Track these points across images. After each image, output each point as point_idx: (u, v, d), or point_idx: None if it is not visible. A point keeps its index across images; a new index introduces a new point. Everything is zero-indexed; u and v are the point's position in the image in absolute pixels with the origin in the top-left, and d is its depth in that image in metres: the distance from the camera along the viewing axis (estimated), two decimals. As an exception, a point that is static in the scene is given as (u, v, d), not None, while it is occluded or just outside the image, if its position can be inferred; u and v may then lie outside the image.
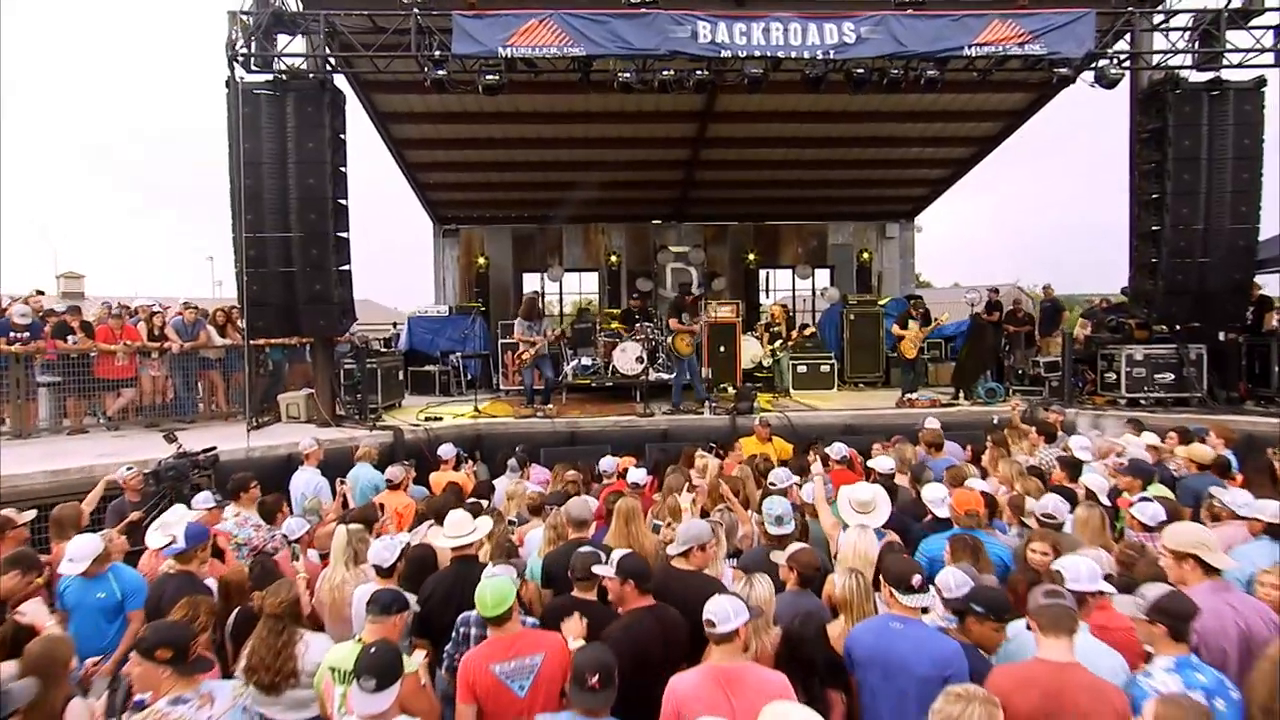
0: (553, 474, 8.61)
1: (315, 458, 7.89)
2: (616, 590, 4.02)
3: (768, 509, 5.12)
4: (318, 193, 9.88)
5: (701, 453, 8.81)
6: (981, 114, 14.92)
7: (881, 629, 3.82)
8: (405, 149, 15.76)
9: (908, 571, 3.91)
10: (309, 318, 10.10)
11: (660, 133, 15.30)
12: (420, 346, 16.10)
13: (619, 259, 18.77)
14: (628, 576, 3.96)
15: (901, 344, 12.81)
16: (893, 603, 3.91)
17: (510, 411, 12.00)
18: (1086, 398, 11.88)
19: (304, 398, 11.25)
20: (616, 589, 4.02)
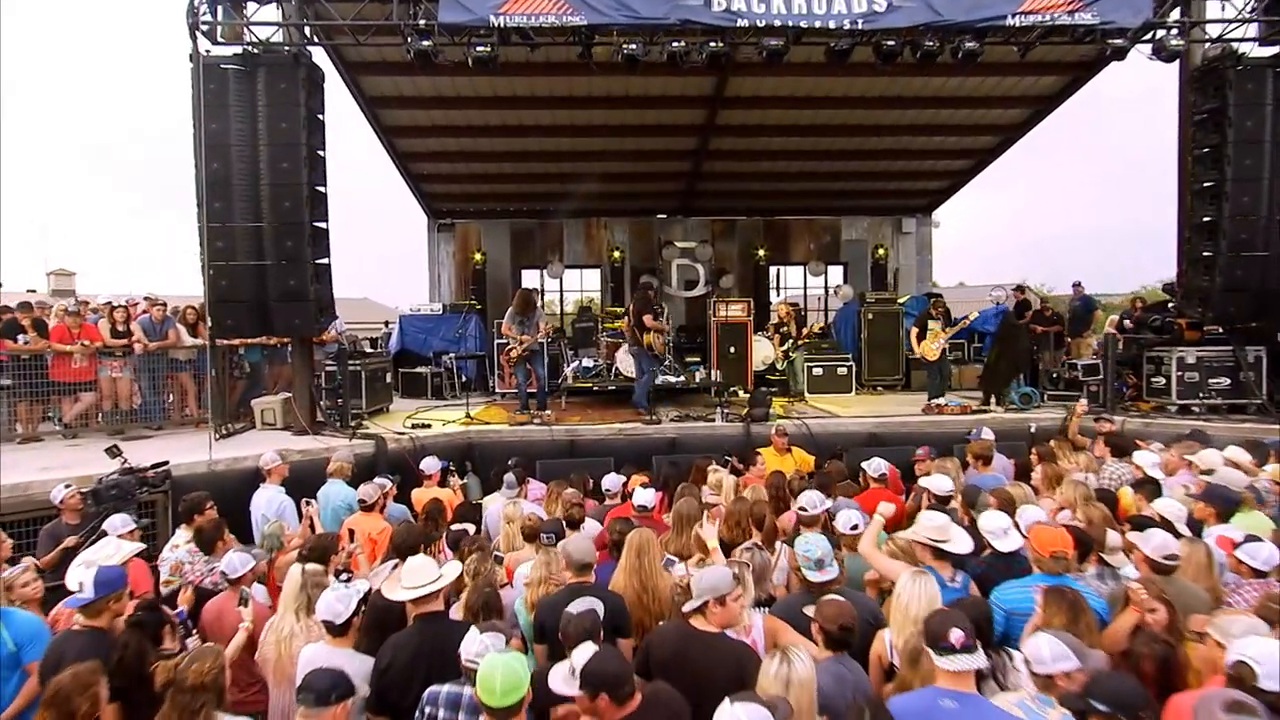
0: (548, 492, 7.71)
1: (279, 474, 6.98)
2: (588, 708, 3.01)
3: (804, 550, 4.22)
4: (292, 178, 8.97)
5: (715, 467, 7.91)
6: (1009, 100, 13.98)
7: (928, 708, 2.94)
8: (396, 137, 14.84)
9: (946, 624, 3.01)
10: (282, 316, 9.19)
11: (667, 119, 14.37)
12: (412, 347, 15.20)
13: (622, 255, 17.84)
14: (598, 690, 2.96)
15: (922, 346, 11.90)
16: (936, 670, 3.04)
17: (504, 418, 11.08)
18: (1130, 404, 10.95)
19: (280, 403, 10.35)
20: (587, 707, 3.00)
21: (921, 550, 4.64)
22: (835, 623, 3.52)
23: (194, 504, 6.08)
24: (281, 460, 7.00)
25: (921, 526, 4.66)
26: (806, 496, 5.68)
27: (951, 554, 4.64)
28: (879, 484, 7.09)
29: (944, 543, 4.58)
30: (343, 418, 10.28)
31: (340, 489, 7.29)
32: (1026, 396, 11.17)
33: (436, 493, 7.62)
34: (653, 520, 6.33)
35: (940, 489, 6.17)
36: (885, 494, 7.03)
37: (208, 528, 5.55)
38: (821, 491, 7.02)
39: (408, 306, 16.19)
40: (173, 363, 10.45)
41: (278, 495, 6.78)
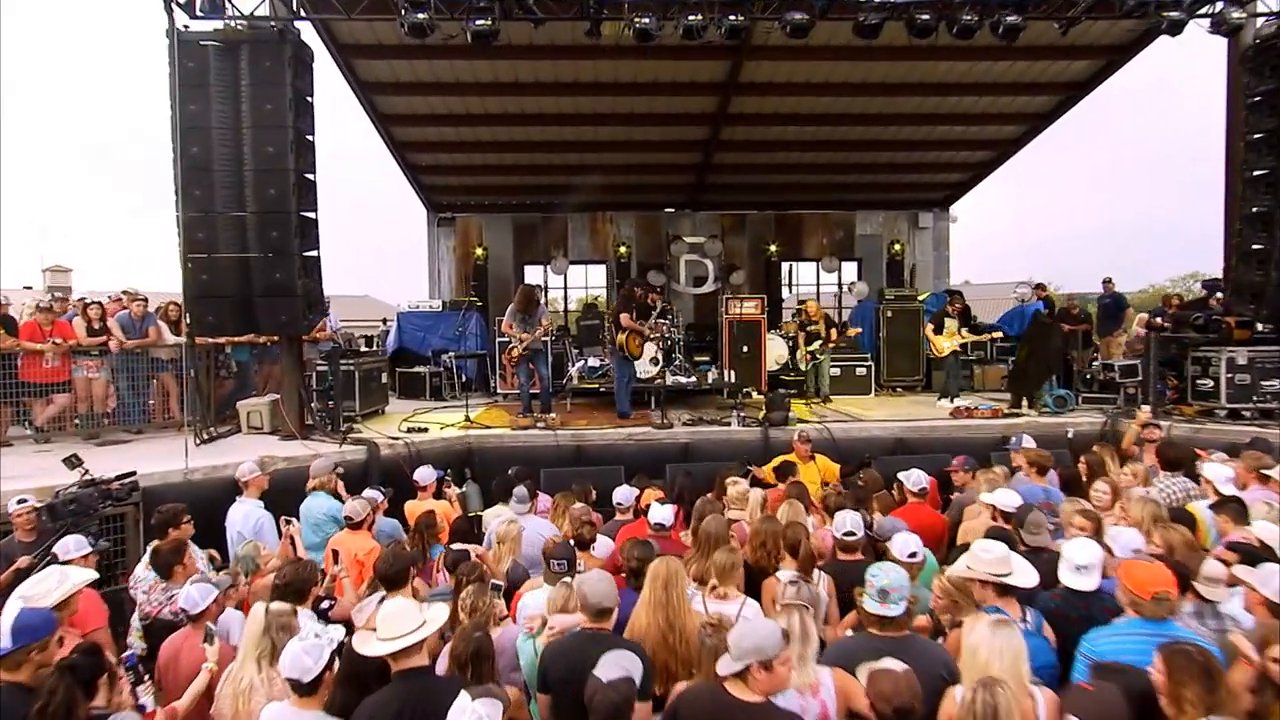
0: (553, 505, 7.07)
1: (258, 486, 6.33)
2: None
3: (873, 575, 3.59)
4: (277, 164, 8.31)
5: (735, 478, 7.26)
6: (1036, 86, 13.29)
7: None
8: (392, 125, 14.18)
9: None
10: (268, 312, 8.53)
11: (678, 107, 13.70)
12: (410, 345, 14.55)
13: (629, 250, 17.17)
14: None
15: (935, 343, 11.33)
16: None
17: (506, 421, 10.43)
18: (1172, 407, 10.27)
19: (267, 405, 9.71)
20: None
21: (981, 589, 3.98)
22: (890, 703, 2.87)
23: (168, 518, 5.46)
24: (260, 470, 6.35)
25: (979, 560, 4.00)
26: (848, 519, 5.02)
27: (1018, 589, 4.00)
28: (918, 498, 6.44)
29: (1007, 576, 3.94)
30: (333, 421, 9.65)
31: (323, 501, 6.65)
32: (1061, 399, 10.50)
33: (432, 505, 6.99)
34: (671, 540, 5.70)
35: (1007, 504, 5.52)
36: (924, 509, 6.40)
37: (165, 549, 4.91)
38: (858, 506, 6.43)
39: (406, 303, 15.55)
40: (154, 362, 9.83)
41: (255, 510, 6.14)
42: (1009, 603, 3.94)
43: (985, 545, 4.00)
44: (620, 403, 10.93)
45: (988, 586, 3.96)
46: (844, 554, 5.02)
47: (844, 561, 5.00)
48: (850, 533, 4.96)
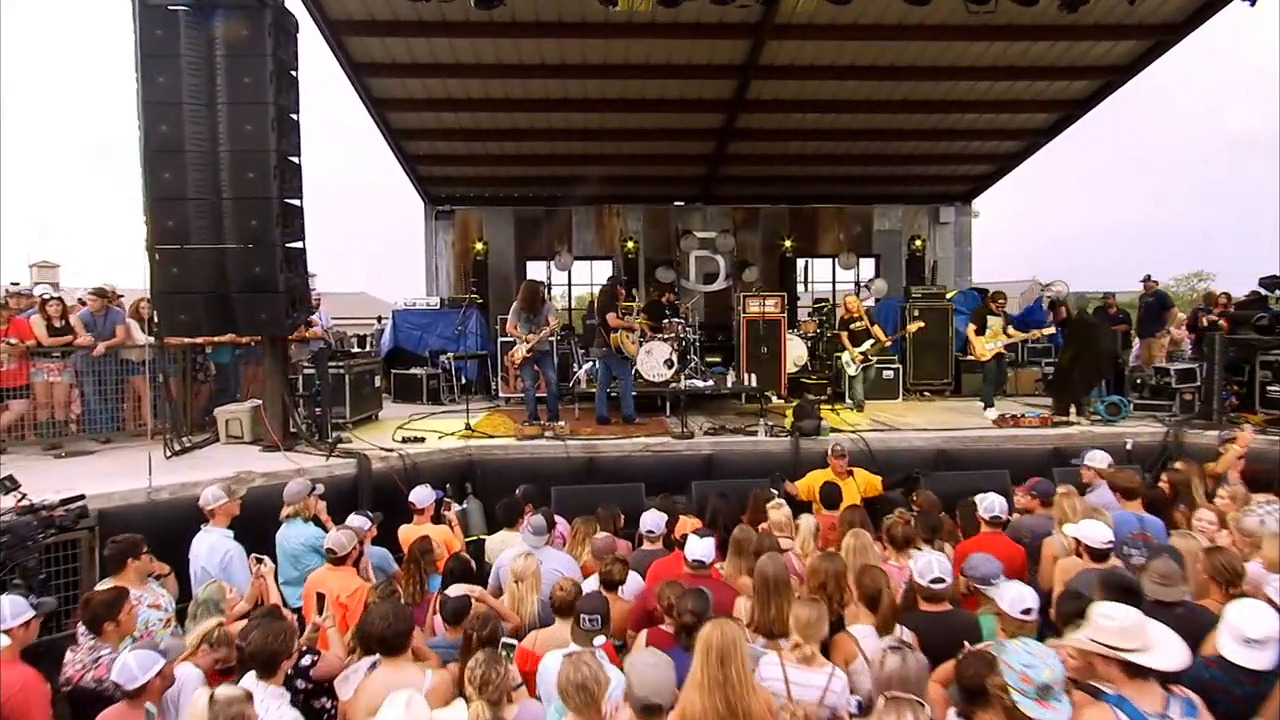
0: (572, 533, 6.21)
1: (225, 514, 5.44)
2: None
3: (1024, 663, 2.74)
4: (257, 144, 7.43)
5: (779, 501, 6.41)
6: (1076, 70, 12.42)
7: None
8: (387, 111, 13.28)
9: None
10: (246, 309, 7.64)
11: (693, 91, 12.83)
12: (406, 345, 13.68)
13: (636, 245, 16.28)
14: None
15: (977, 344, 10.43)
16: None
17: (511, 430, 9.55)
18: (1236, 415, 9.44)
19: (248, 412, 8.83)
20: None
21: (1105, 665, 3.07)
22: None
23: (123, 550, 4.60)
24: (227, 496, 5.45)
25: (1101, 629, 3.09)
26: (935, 563, 4.16)
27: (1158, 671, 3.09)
28: (993, 528, 5.59)
29: (1142, 654, 3.01)
30: (321, 430, 8.77)
31: (300, 529, 5.80)
32: (1114, 406, 9.64)
33: (430, 530, 6.14)
34: (713, 580, 4.85)
35: (1097, 539, 4.67)
36: (1001, 541, 5.54)
37: (97, 600, 4.01)
38: (930, 538, 5.60)
39: (402, 301, 14.69)
40: (124, 364, 8.95)
41: (223, 542, 5.25)
42: (1145, 687, 3.03)
43: (1108, 611, 3.10)
44: (625, 406, 10.17)
45: (1112, 664, 3.06)
46: (928, 604, 4.17)
47: (929, 614, 4.15)
48: (939, 579, 4.11)
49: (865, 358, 10.76)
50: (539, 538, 5.52)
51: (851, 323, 10.88)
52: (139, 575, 4.66)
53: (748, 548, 5.26)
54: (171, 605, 4.78)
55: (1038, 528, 5.87)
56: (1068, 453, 8.94)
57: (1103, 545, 4.66)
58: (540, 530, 5.53)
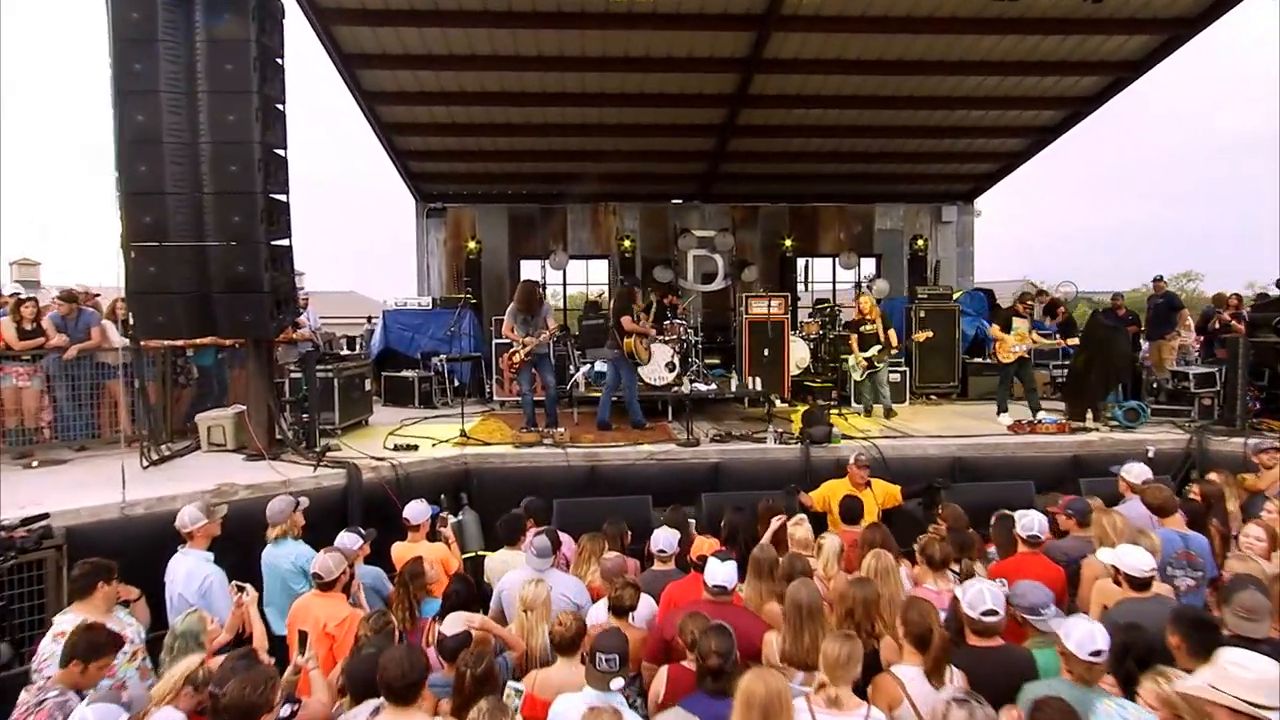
0: (579, 551, 5.80)
1: (205, 535, 5.00)
2: None
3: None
4: (240, 135, 6.99)
5: (799, 518, 6.02)
6: (1087, 65, 12.10)
7: None
8: (377, 104, 12.84)
9: None
10: (228, 310, 7.21)
11: (694, 86, 12.44)
12: (397, 346, 13.23)
13: (633, 244, 15.89)
14: None
15: (1000, 344, 10.09)
16: None
17: (508, 437, 9.15)
18: (1258, 422, 9.13)
19: (231, 418, 8.39)
20: None
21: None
22: None
23: (92, 574, 4.17)
24: (207, 518, 5.01)
25: (1229, 678, 2.75)
26: (987, 593, 3.79)
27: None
28: (1030, 547, 5.22)
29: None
30: (308, 437, 8.34)
31: (289, 549, 5.37)
32: (1133, 412, 9.31)
33: (426, 549, 5.73)
34: (735, 607, 4.47)
35: (1139, 566, 4.32)
36: (1040, 562, 5.16)
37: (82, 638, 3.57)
38: (960, 556, 5.24)
39: (393, 300, 14.25)
40: (100, 368, 8.49)
41: (202, 566, 4.82)
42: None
43: (1242, 660, 2.76)
44: (633, 412, 9.81)
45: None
46: (977, 638, 3.80)
47: (978, 649, 3.78)
48: (991, 611, 3.74)
49: (870, 364, 10.23)
50: (544, 560, 5.12)
51: (862, 325, 10.34)
52: (107, 602, 4.23)
53: (770, 569, 4.90)
54: (141, 635, 4.36)
55: (1073, 550, 5.50)
56: (1088, 461, 8.65)
57: (1144, 574, 4.30)
58: (545, 552, 5.14)
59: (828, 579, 5.28)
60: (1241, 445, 8.38)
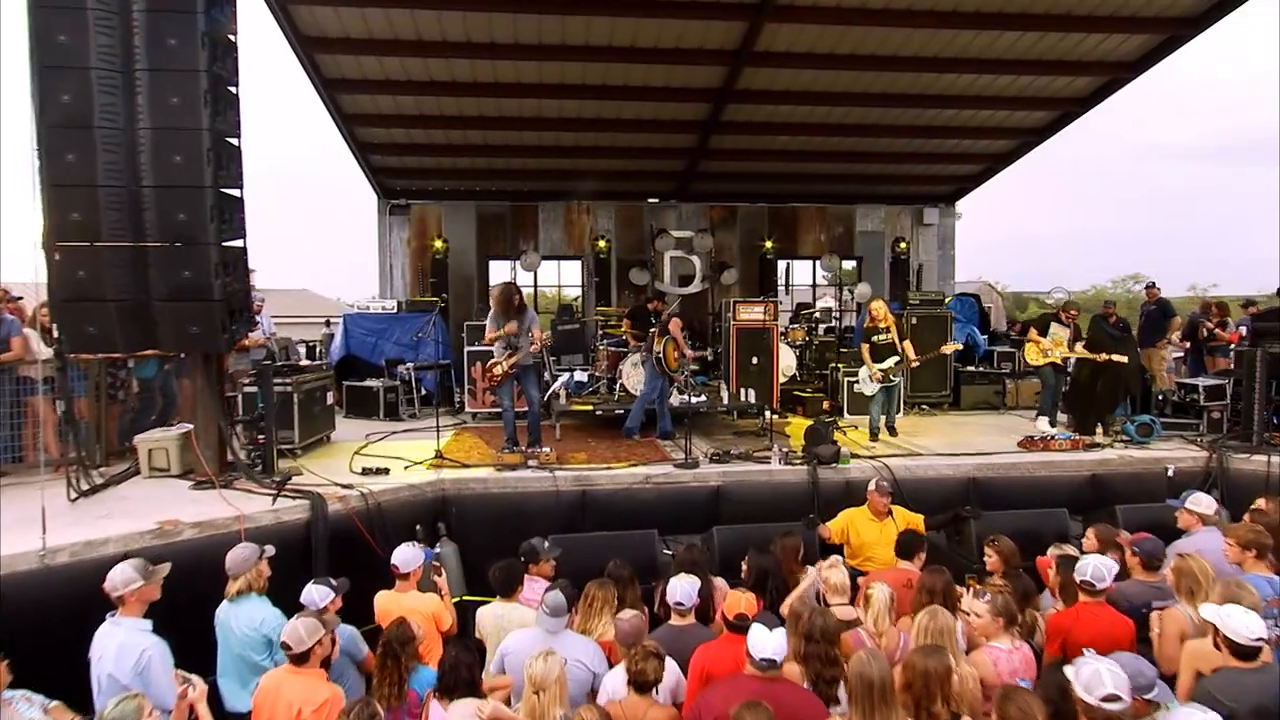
0: (585, 599, 5.06)
1: (140, 600, 4.13)
2: None
3: None
4: (185, 120, 6.12)
5: (834, 560, 5.36)
6: (1082, 66, 11.68)
7: None
8: (338, 93, 11.88)
9: None
10: (173, 321, 6.33)
11: (679, 79, 11.73)
12: (359, 353, 12.32)
13: (608, 245, 15.15)
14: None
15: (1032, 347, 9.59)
16: None
17: (487, 457, 8.36)
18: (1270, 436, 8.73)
19: (176, 439, 7.46)
20: None
21: None
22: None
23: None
24: (144, 579, 4.15)
25: None
26: (1106, 675, 3.16)
27: None
28: (1092, 597, 4.62)
29: None
30: (265, 460, 7.45)
31: (252, 610, 4.54)
32: (1146, 427, 8.85)
33: (414, 605, 4.95)
34: (784, 683, 3.79)
35: (1244, 633, 3.72)
36: (1107, 614, 4.57)
37: None
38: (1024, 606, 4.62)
39: (352, 302, 13.35)
40: (22, 382, 7.51)
41: (137, 638, 3.95)
42: None
43: None
44: (631, 417, 9.28)
45: None
46: (1094, 724, 3.17)
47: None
48: (1113, 697, 3.11)
49: (886, 376, 9.31)
50: (558, 620, 4.40)
51: (876, 333, 9.47)
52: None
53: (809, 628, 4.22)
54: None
55: (1137, 597, 4.93)
56: (1107, 481, 8.19)
57: (1253, 642, 3.71)
58: (559, 610, 4.42)
59: (878, 634, 4.65)
60: (1265, 464, 8.01)
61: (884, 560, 6.39)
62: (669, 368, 9.34)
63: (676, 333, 9.30)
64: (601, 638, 4.74)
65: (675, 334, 9.32)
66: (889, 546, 6.45)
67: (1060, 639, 4.56)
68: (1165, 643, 4.44)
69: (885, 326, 9.26)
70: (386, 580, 6.57)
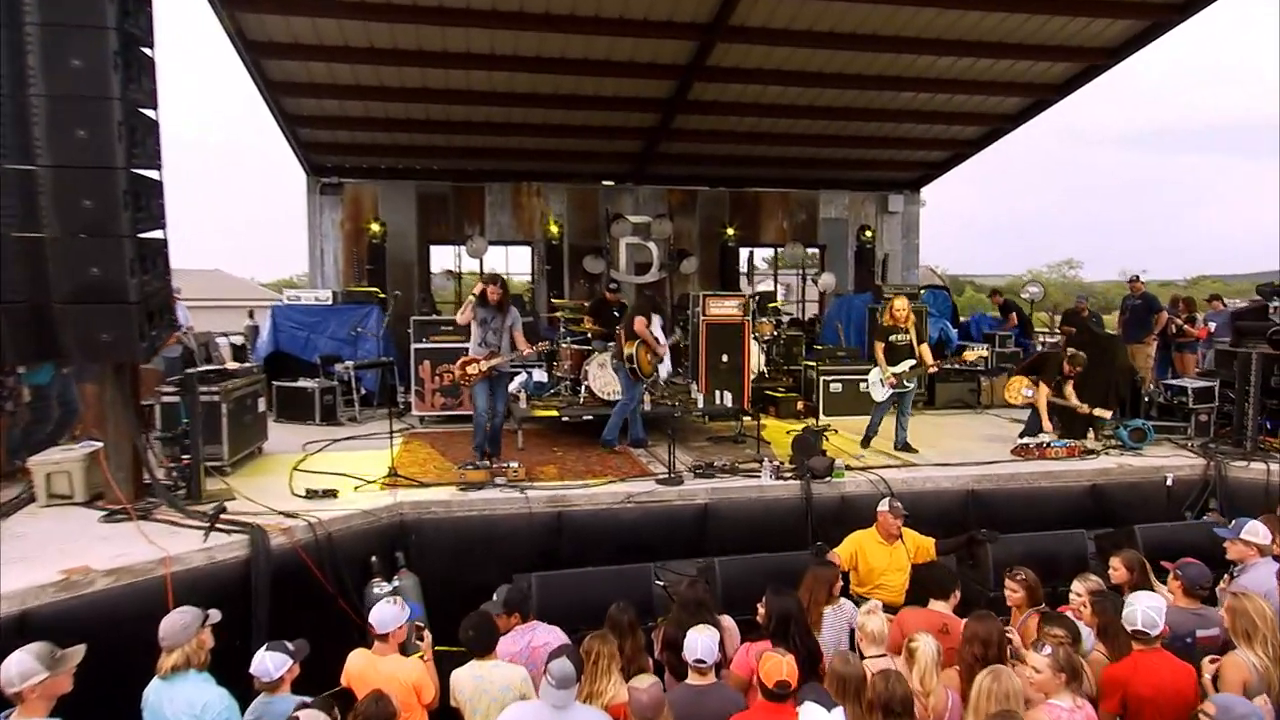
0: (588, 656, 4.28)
1: (46, 696, 3.22)
2: None
3: None
4: (91, 88, 5.06)
5: (873, 606, 4.73)
6: (1063, 51, 11.26)
7: None
8: (264, 58, 10.63)
9: None
10: (79, 327, 5.29)
11: (645, 53, 10.89)
12: (290, 349, 11.19)
13: (560, 230, 14.27)
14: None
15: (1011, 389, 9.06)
16: None
17: (446, 472, 7.49)
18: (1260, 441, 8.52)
19: (81, 461, 6.38)
20: None
21: None
22: None
23: None
24: (48, 669, 3.24)
25: None
26: None
27: None
28: (1145, 645, 4.11)
29: None
30: (191, 483, 6.45)
31: (192, 690, 3.67)
32: (1139, 432, 8.52)
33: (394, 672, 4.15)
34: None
35: None
36: (1168, 664, 4.07)
37: None
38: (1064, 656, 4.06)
39: (268, 282, 12.19)
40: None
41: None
42: None
43: None
44: (609, 429, 8.52)
45: None
46: None
47: None
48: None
49: (900, 381, 8.45)
50: (567, 693, 3.67)
51: (895, 333, 8.54)
52: None
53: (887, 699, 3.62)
54: None
55: (1180, 625, 4.49)
56: (1107, 491, 7.83)
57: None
58: (568, 681, 3.68)
59: (925, 694, 4.05)
60: (1264, 472, 7.76)
61: (894, 587, 5.88)
62: (644, 373, 8.61)
63: (644, 332, 8.52)
64: (612, 702, 4.04)
65: (643, 334, 8.54)
66: (900, 573, 5.94)
67: (1119, 694, 4.08)
68: (1226, 690, 3.99)
69: (905, 327, 8.47)
70: (341, 628, 5.75)
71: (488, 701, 4.10)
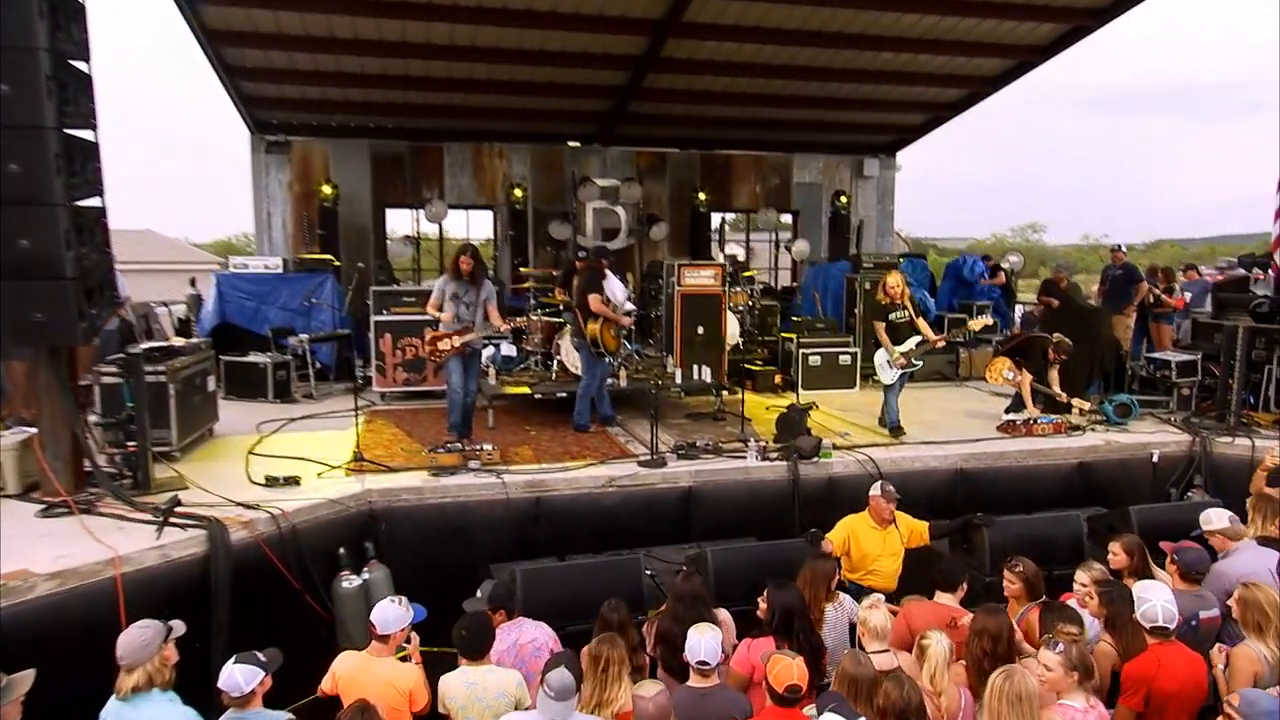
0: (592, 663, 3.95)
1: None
2: None
3: None
4: (12, 36, 4.46)
5: (874, 599, 4.51)
6: (1049, 11, 10.88)
7: None
8: (203, 4, 9.80)
9: None
10: (8, 305, 4.74)
11: (616, 8, 10.31)
12: (238, 320, 10.54)
13: (524, 193, 13.71)
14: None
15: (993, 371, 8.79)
16: None
17: (415, 455, 7.07)
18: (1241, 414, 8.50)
19: (14, 449, 5.85)
20: None
21: None
22: None
23: None
24: None
25: None
26: None
27: None
28: (1159, 638, 3.96)
29: None
30: (137, 472, 5.95)
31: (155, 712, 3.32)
32: (1124, 407, 8.41)
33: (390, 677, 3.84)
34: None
35: None
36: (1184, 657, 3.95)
37: None
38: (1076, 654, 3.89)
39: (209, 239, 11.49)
40: None
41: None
42: None
43: None
44: (580, 414, 8.13)
45: None
46: None
47: None
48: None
49: (908, 361, 7.97)
50: (566, 705, 3.39)
51: (892, 310, 8.07)
52: None
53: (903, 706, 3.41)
54: None
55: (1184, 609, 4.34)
56: (1095, 468, 7.74)
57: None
58: (568, 693, 3.41)
59: (936, 693, 3.86)
60: (1249, 448, 7.72)
61: (886, 573, 5.72)
62: (609, 350, 8.21)
63: (602, 309, 8.04)
64: (621, 710, 3.77)
65: (601, 311, 8.04)
66: (893, 558, 5.78)
67: (1143, 691, 3.93)
68: (1237, 680, 3.91)
69: (902, 304, 8.00)
70: (310, 629, 5.38)
71: (481, 709, 3.85)
